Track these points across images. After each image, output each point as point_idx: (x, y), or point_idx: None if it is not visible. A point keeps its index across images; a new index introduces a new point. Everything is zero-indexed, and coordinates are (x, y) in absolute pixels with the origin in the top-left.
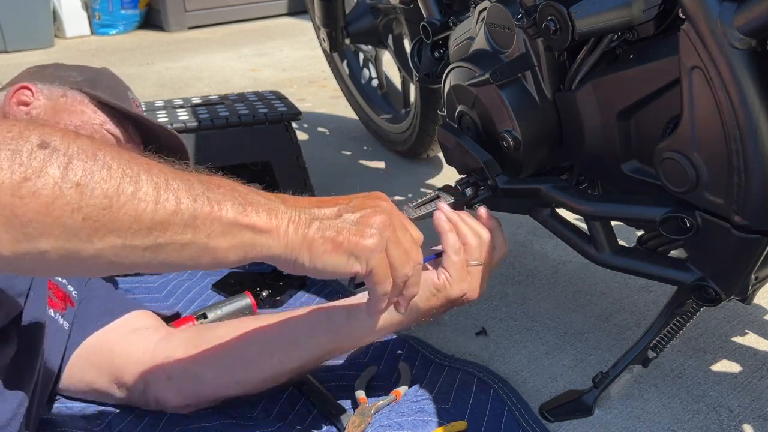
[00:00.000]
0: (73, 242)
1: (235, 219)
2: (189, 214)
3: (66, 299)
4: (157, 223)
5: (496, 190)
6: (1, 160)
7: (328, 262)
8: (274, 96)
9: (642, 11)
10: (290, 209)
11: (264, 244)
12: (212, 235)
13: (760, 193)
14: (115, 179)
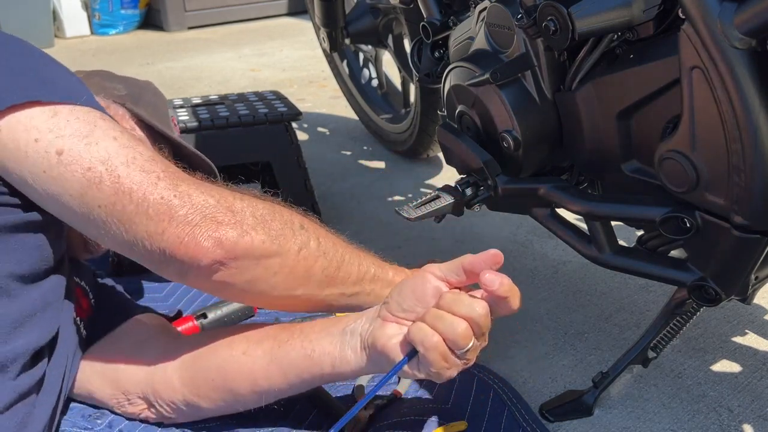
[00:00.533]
0: (315, 290)
1: (392, 278)
2: (372, 274)
3: (89, 308)
4: (359, 279)
5: (496, 190)
6: (287, 235)
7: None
8: (275, 96)
9: (642, 11)
10: None
11: None
12: (383, 287)
13: (760, 193)
14: (340, 250)
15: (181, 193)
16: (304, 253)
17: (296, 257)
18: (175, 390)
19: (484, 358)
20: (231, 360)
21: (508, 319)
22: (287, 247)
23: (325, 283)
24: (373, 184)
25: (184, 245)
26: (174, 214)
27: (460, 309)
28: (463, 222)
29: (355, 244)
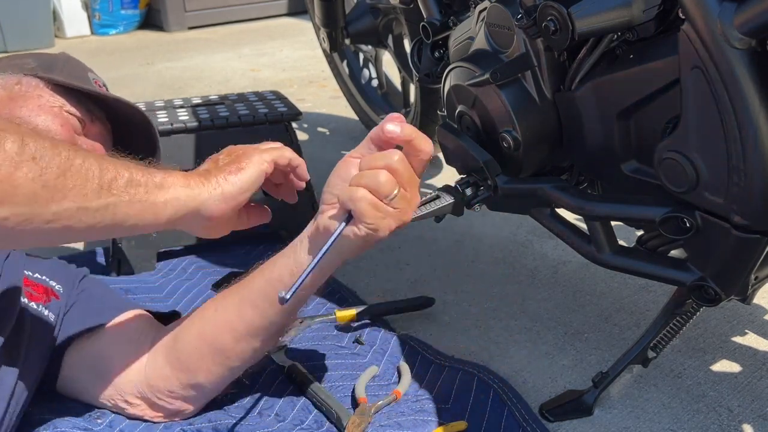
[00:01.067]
0: (34, 208)
1: (162, 179)
2: (127, 176)
3: (48, 292)
4: (104, 185)
5: (496, 190)
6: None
7: (244, 178)
8: (275, 96)
9: (642, 11)
10: (193, 171)
11: (191, 194)
12: (150, 191)
13: (760, 193)
14: (64, 154)
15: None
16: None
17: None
18: (168, 377)
19: (484, 358)
20: (206, 322)
21: (509, 318)
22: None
23: (46, 196)
24: None
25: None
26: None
27: (377, 162)
28: (463, 222)
29: (110, 154)
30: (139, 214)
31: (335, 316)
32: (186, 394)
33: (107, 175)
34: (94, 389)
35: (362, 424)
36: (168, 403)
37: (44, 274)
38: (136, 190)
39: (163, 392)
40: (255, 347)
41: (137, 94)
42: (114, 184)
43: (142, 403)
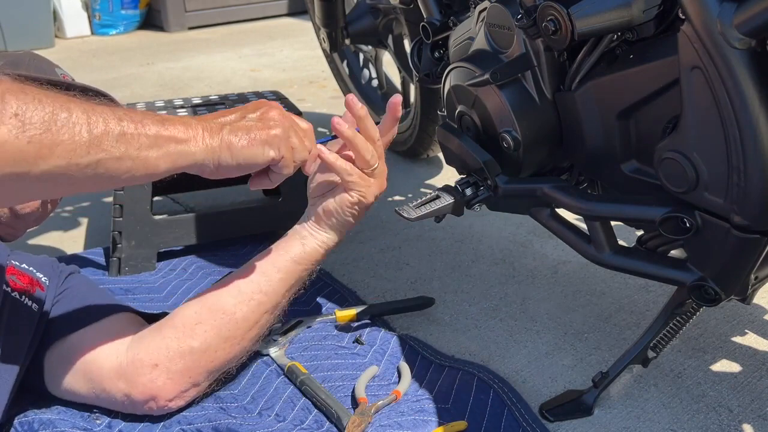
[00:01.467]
0: (21, 166)
1: (157, 132)
2: (118, 131)
3: (33, 283)
4: (93, 140)
5: (496, 190)
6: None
7: (248, 155)
8: (275, 96)
9: (642, 11)
10: (201, 122)
11: (188, 152)
12: (141, 147)
13: (760, 193)
14: (48, 108)
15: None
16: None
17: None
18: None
19: (484, 358)
20: (206, 293)
21: (509, 318)
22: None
23: (34, 153)
24: None
25: None
26: None
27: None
28: (463, 222)
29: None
30: (131, 170)
31: (335, 316)
32: (170, 368)
33: (96, 129)
34: (75, 384)
35: (362, 424)
36: (150, 380)
37: (32, 265)
38: (126, 145)
39: (145, 369)
40: (251, 316)
41: (137, 94)
42: (104, 139)
43: (119, 394)
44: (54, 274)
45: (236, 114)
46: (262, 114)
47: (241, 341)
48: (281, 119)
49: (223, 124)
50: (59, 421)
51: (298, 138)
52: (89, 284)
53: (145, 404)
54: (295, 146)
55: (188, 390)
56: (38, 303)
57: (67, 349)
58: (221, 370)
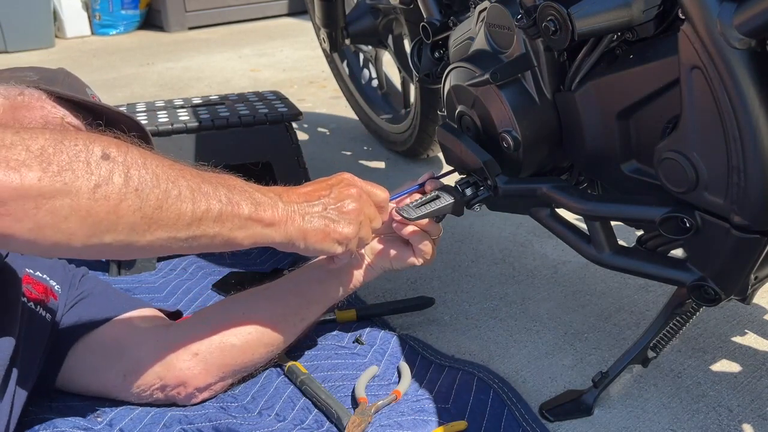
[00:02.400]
0: (132, 236)
1: (249, 216)
2: (217, 212)
3: (48, 292)
4: (195, 220)
5: (496, 190)
6: (76, 170)
7: (318, 248)
8: (275, 96)
9: (642, 11)
10: (287, 206)
11: (270, 235)
12: (233, 228)
13: (760, 193)
14: (163, 185)
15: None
16: (104, 191)
17: (91, 197)
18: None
19: (484, 358)
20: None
21: (509, 318)
22: (77, 186)
23: (143, 226)
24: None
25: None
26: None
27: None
28: (463, 222)
29: (206, 170)
30: (219, 244)
31: (335, 316)
32: (207, 359)
33: (199, 208)
34: (104, 375)
35: (362, 424)
36: (187, 367)
37: (45, 272)
38: (221, 226)
39: (185, 356)
40: (293, 330)
41: (137, 94)
42: (204, 219)
43: (150, 379)
44: (66, 279)
45: (320, 202)
46: (340, 208)
47: (276, 349)
48: (356, 215)
49: (305, 213)
50: (60, 420)
51: (366, 229)
52: (105, 284)
53: (174, 389)
54: (363, 237)
55: (217, 383)
56: (51, 313)
57: (98, 338)
58: (249, 371)
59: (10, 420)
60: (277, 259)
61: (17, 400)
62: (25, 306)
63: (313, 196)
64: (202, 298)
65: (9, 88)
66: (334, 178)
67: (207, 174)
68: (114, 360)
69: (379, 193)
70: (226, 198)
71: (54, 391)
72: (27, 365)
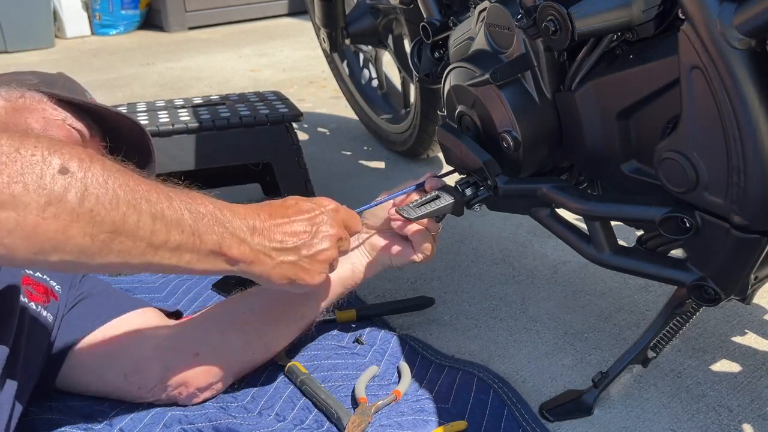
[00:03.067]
0: (81, 258)
1: (211, 250)
2: (176, 244)
3: (48, 292)
4: (150, 249)
5: (496, 190)
6: (28, 183)
7: (284, 290)
8: (276, 97)
9: (642, 11)
10: (258, 244)
11: (231, 270)
12: (191, 261)
13: (760, 193)
14: (122, 208)
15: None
16: (54, 210)
17: (39, 214)
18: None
19: (484, 358)
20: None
21: (509, 318)
22: (24, 201)
23: (94, 250)
24: (373, 184)
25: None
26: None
27: None
28: (463, 222)
29: (178, 189)
30: (177, 272)
31: (335, 316)
32: (208, 359)
33: (158, 238)
34: (105, 375)
35: (362, 424)
36: (188, 367)
37: (45, 273)
38: (179, 258)
39: (186, 356)
40: (293, 330)
41: (137, 94)
42: (161, 249)
43: (152, 378)
44: (66, 279)
45: (296, 244)
46: (316, 254)
47: (276, 349)
48: (330, 259)
49: (275, 256)
50: (60, 420)
51: (338, 264)
52: (106, 284)
53: (175, 389)
54: (334, 269)
55: (218, 382)
56: (52, 313)
57: (99, 338)
58: (250, 369)
59: (11, 420)
60: None
61: (17, 400)
62: (25, 306)
63: (289, 237)
64: (202, 298)
65: (10, 91)
66: (317, 213)
67: (177, 195)
68: (115, 360)
69: (353, 226)
70: (190, 228)
71: (54, 391)
72: (27, 365)
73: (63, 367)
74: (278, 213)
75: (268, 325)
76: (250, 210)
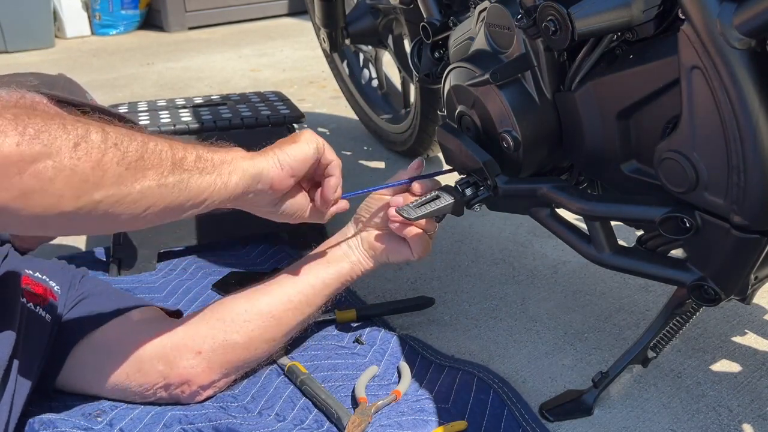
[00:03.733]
0: (120, 188)
1: (225, 153)
2: (195, 154)
3: (47, 293)
4: (176, 163)
5: (496, 190)
6: (53, 131)
7: (298, 149)
8: (277, 97)
9: (642, 11)
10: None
11: (251, 163)
12: (215, 165)
13: (760, 193)
14: (139, 137)
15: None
16: (84, 148)
17: (73, 155)
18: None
19: (484, 358)
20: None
21: (509, 318)
22: (56, 146)
23: (129, 176)
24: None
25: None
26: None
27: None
28: (463, 222)
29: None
30: (210, 186)
31: (335, 316)
32: (211, 357)
33: (178, 153)
34: (106, 374)
35: (362, 424)
36: (191, 366)
37: (44, 273)
38: (204, 164)
39: (189, 354)
40: (294, 323)
41: (137, 94)
42: (185, 161)
43: (154, 376)
44: (65, 280)
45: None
46: (290, 137)
47: (278, 344)
48: (309, 136)
49: (264, 149)
50: (59, 420)
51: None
52: (106, 284)
53: (177, 387)
54: (325, 145)
55: (220, 380)
56: (51, 313)
57: (100, 338)
58: (252, 366)
59: (10, 420)
60: (278, 259)
61: (17, 400)
62: (24, 307)
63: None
64: (202, 298)
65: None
66: None
67: (173, 140)
68: (116, 359)
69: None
70: (199, 145)
71: (54, 391)
72: (27, 366)
73: (63, 367)
74: None
75: (268, 323)
76: None
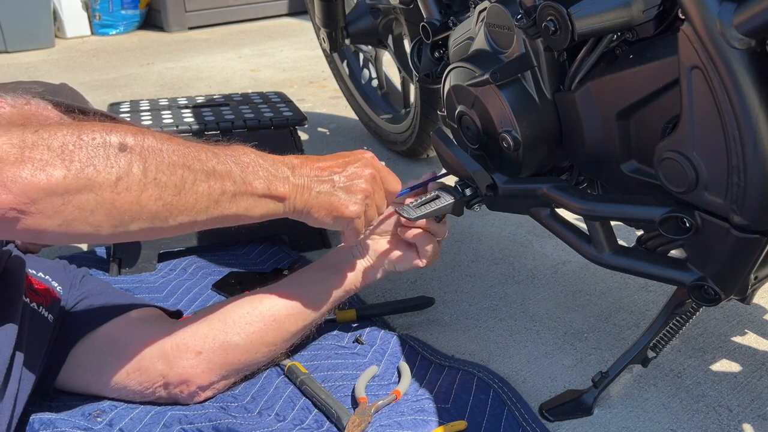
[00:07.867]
0: (155, 223)
1: (263, 194)
2: (232, 191)
3: (49, 293)
4: (212, 202)
5: (496, 191)
6: (98, 165)
7: (322, 222)
8: (279, 98)
9: (641, 11)
10: (297, 179)
11: (279, 208)
12: (249, 207)
13: (760, 193)
14: (179, 172)
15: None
16: (125, 184)
17: (114, 190)
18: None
19: (484, 358)
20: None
21: (509, 318)
22: (99, 180)
23: (165, 213)
24: None
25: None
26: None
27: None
28: (463, 222)
29: (219, 145)
30: (238, 221)
31: (335, 316)
32: (210, 358)
33: (215, 191)
34: (106, 373)
35: (362, 424)
36: (191, 366)
37: (47, 273)
38: (237, 206)
39: (189, 354)
40: (296, 329)
41: (137, 94)
42: (220, 200)
43: (154, 376)
44: (67, 280)
45: (330, 179)
46: (350, 186)
47: (279, 349)
48: (364, 196)
49: (313, 189)
50: (59, 420)
51: (372, 210)
52: (106, 284)
53: (177, 387)
54: (367, 216)
55: (219, 382)
56: (53, 313)
57: (100, 337)
58: (252, 369)
59: (12, 420)
60: (278, 259)
61: (19, 400)
62: (26, 306)
63: (325, 171)
64: (202, 298)
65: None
66: (353, 155)
67: (221, 151)
68: (117, 359)
69: (392, 181)
70: (240, 178)
71: (54, 391)
72: (28, 365)
73: (63, 367)
74: (314, 157)
75: (270, 326)
76: (287, 156)
